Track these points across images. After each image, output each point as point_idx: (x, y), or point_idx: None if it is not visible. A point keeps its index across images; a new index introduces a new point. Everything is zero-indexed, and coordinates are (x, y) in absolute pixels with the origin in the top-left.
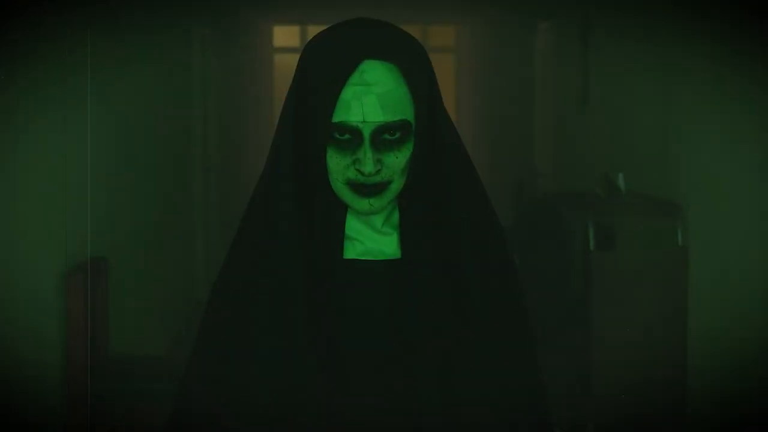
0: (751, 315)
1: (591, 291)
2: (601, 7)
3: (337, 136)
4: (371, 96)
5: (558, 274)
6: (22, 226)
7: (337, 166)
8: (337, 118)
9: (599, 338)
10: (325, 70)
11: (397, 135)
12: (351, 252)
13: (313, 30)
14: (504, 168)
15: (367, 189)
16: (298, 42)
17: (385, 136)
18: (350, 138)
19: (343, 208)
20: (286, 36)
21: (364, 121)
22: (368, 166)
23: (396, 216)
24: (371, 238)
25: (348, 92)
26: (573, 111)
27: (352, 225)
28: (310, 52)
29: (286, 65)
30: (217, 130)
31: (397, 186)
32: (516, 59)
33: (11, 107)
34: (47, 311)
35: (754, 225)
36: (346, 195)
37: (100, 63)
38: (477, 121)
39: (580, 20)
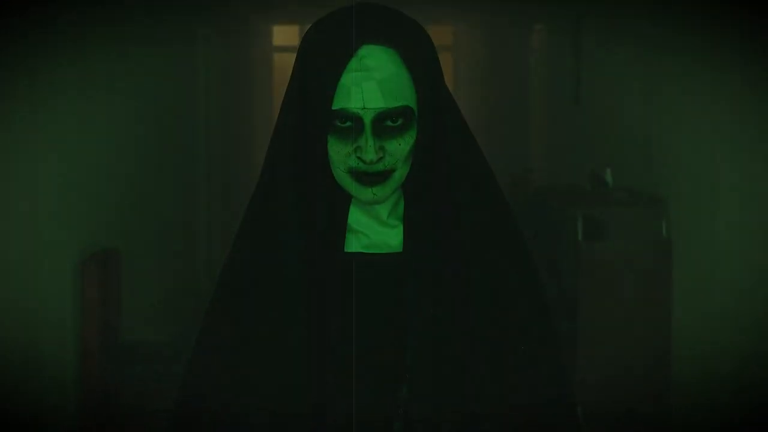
0: (735, 306)
1: (580, 279)
2: (595, 8)
3: (338, 123)
4: (371, 82)
5: (549, 265)
6: (36, 222)
7: (338, 154)
8: (337, 105)
9: (586, 326)
10: (323, 56)
11: (400, 122)
12: (355, 245)
13: None
14: (499, 165)
15: (369, 177)
16: (298, 41)
17: (387, 123)
18: (351, 125)
19: (347, 199)
20: (286, 36)
21: (364, 108)
22: (369, 154)
23: (402, 206)
24: (376, 230)
25: (347, 78)
26: (566, 109)
27: (357, 217)
28: (308, 38)
29: (286, 65)
30: (217, 130)
31: (400, 174)
32: (511, 59)
33: (12, 107)
34: (64, 300)
35: (737, 219)
36: (348, 184)
37: (101, 63)
38: (474, 120)
39: (574, 22)
